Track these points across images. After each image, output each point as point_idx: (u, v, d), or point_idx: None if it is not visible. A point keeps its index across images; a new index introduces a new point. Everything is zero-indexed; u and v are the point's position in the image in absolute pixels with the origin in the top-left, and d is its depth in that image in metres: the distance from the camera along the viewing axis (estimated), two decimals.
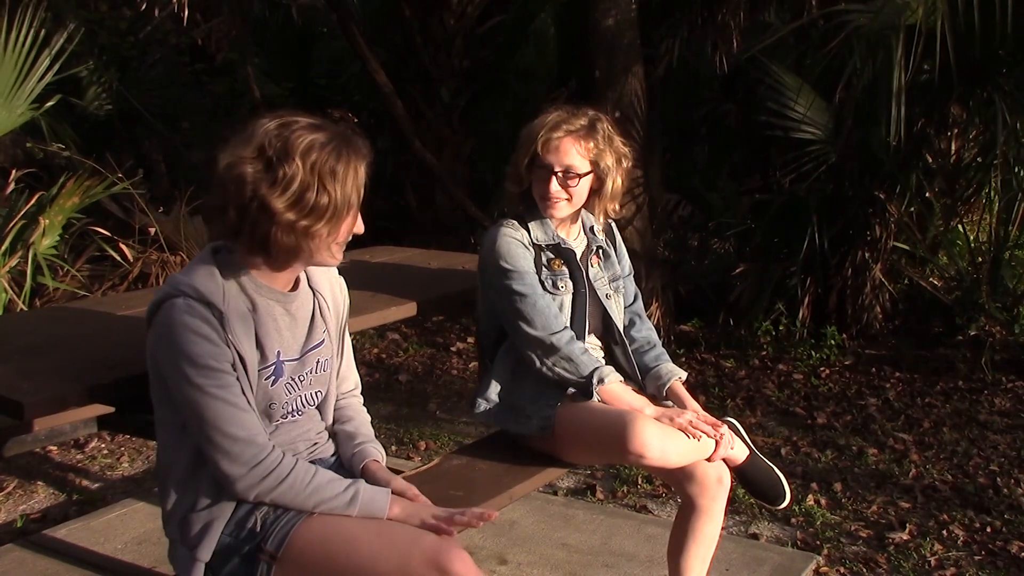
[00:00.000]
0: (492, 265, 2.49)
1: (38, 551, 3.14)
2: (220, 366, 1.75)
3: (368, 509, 1.82)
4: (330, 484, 1.82)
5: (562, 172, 2.45)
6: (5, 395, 1.96)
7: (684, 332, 5.96)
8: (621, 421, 2.35)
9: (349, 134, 1.83)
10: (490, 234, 2.52)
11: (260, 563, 1.81)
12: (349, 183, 1.78)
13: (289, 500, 1.80)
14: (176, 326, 1.74)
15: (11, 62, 4.55)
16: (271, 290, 1.87)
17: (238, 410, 1.76)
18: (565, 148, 2.44)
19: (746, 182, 6.43)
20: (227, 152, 1.78)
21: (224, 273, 1.82)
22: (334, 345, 2.02)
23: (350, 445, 2.05)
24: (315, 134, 1.77)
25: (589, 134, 2.46)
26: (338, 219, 1.80)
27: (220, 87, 8.04)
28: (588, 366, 2.44)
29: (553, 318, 2.46)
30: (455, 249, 4.82)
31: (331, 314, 2.00)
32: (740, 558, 3.19)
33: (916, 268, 6.30)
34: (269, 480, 1.77)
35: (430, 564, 1.72)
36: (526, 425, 2.52)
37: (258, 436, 1.77)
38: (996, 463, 4.12)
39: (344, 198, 1.78)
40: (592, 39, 5.68)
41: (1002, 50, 5.09)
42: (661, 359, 2.65)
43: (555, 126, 2.45)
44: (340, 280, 2.07)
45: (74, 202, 4.64)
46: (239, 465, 1.75)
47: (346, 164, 1.78)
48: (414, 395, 5.08)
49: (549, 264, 2.52)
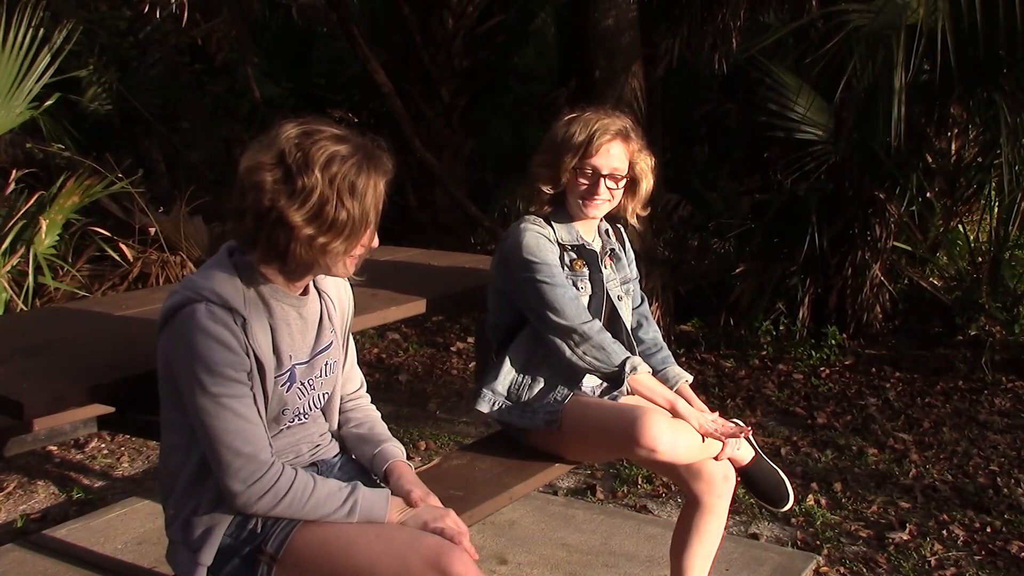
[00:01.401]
0: (517, 259, 2.49)
1: (38, 551, 3.14)
2: (236, 376, 1.74)
3: (368, 516, 1.82)
4: (328, 498, 1.81)
5: (610, 174, 2.49)
6: (5, 395, 1.96)
7: (684, 332, 5.96)
8: (631, 415, 2.35)
9: (372, 148, 1.79)
10: (515, 229, 2.53)
11: (260, 565, 1.81)
12: (368, 199, 1.76)
13: (289, 515, 1.80)
14: (197, 332, 1.72)
15: (10, 62, 4.54)
16: (286, 295, 1.86)
17: (246, 423, 1.75)
18: (615, 151, 2.49)
19: (746, 182, 6.44)
20: (248, 155, 1.76)
21: (242, 277, 1.81)
22: (340, 345, 2.02)
23: (369, 448, 2.05)
24: (337, 146, 1.74)
25: (631, 137, 2.52)
26: (356, 236, 1.77)
27: (220, 87, 8.03)
28: (619, 355, 2.44)
29: (581, 309, 2.47)
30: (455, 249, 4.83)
31: (337, 316, 2.00)
32: (740, 558, 3.19)
33: (916, 268, 6.30)
34: (268, 497, 1.76)
35: (430, 565, 1.72)
36: (532, 419, 2.52)
37: (261, 452, 1.76)
38: (996, 463, 4.12)
39: (363, 214, 1.76)
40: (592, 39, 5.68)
41: (1003, 50, 5.08)
42: (668, 362, 2.67)
43: (604, 129, 2.48)
44: (344, 282, 2.06)
45: (74, 202, 4.64)
46: (239, 482, 1.75)
47: (367, 179, 1.75)
48: (414, 395, 5.08)
49: (571, 264, 2.54)
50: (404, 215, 7.25)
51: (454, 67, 7.14)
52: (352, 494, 1.82)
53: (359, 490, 1.83)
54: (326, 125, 1.79)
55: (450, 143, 7.21)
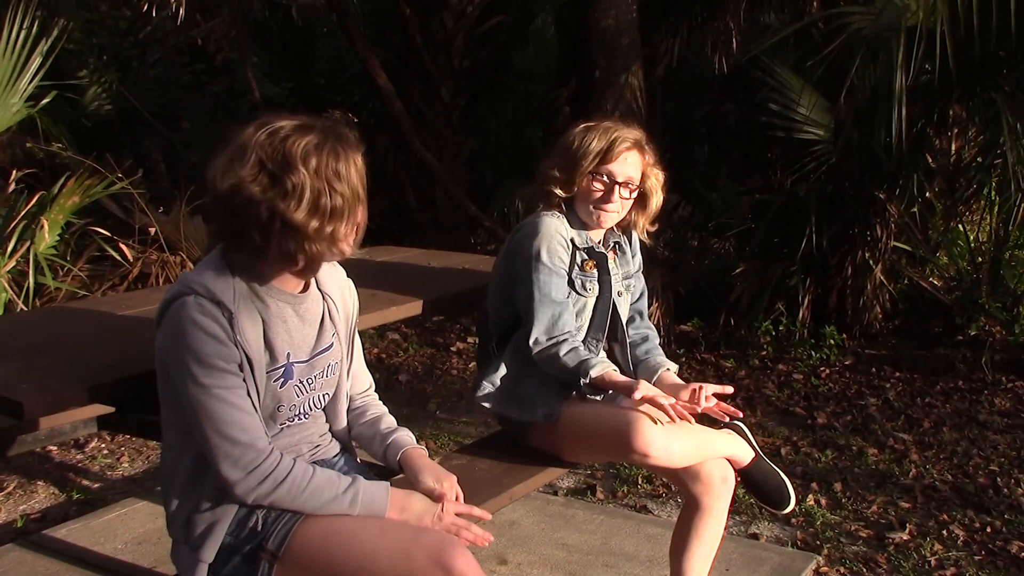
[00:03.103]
0: (526, 251, 2.49)
1: (38, 551, 3.14)
2: (227, 367, 1.75)
3: (369, 509, 1.83)
4: (329, 486, 1.82)
5: (625, 182, 2.50)
6: (5, 395, 1.96)
7: (684, 332, 5.96)
8: (626, 420, 2.35)
9: (336, 128, 1.82)
10: (533, 221, 2.53)
11: (262, 562, 1.81)
12: (353, 177, 1.79)
13: (288, 503, 1.80)
14: (186, 324, 1.74)
15: (5, 58, 4.53)
16: (280, 291, 1.87)
17: (241, 412, 1.76)
18: (631, 160, 2.51)
19: (746, 182, 6.43)
20: (222, 173, 1.75)
21: (235, 273, 1.82)
22: (343, 348, 2.02)
23: (378, 439, 2.07)
24: (306, 136, 1.76)
25: (645, 149, 2.55)
26: (353, 214, 1.81)
27: (220, 87, 8.03)
28: (574, 365, 2.43)
29: (563, 324, 2.47)
30: (455, 249, 4.82)
31: (340, 317, 2.00)
32: (740, 558, 3.19)
33: (916, 268, 6.30)
34: (266, 484, 1.77)
35: (433, 561, 1.73)
36: (531, 413, 2.53)
37: (258, 440, 1.77)
38: (996, 463, 4.12)
39: (353, 193, 1.79)
40: (592, 39, 5.69)
41: (1002, 51, 5.09)
42: (652, 352, 2.68)
43: (623, 138, 2.49)
44: (349, 283, 2.07)
45: (74, 202, 4.64)
46: (237, 469, 1.75)
47: (346, 160, 1.78)
48: (414, 395, 5.08)
49: (583, 265, 2.55)
50: (404, 215, 7.25)
51: (454, 67, 7.13)
52: (353, 485, 1.83)
53: (360, 482, 1.84)
54: (281, 119, 1.79)
55: (450, 143, 7.21)
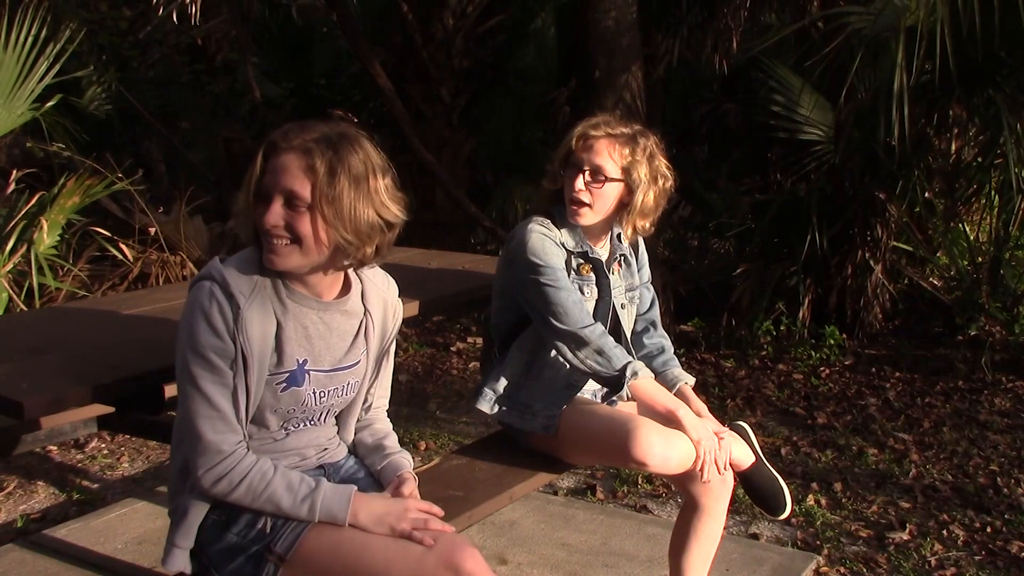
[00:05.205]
0: (521, 260, 2.45)
1: (38, 551, 3.15)
2: (217, 361, 1.76)
3: (328, 517, 1.81)
4: (287, 493, 1.80)
5: (590, 171, 2.43)
6: (5, 395, 1.96)
7: (684, 332, 5.96)
8: (624, 427, 2.34)
9: (336, 133, 1.83)
10: (520, 229, 2.49)
11: (267, 564, 1.81)
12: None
13: (248, 504, 1.81)
14: (195, 308, 1.77)
15: (11, 62, 4.55)
16: (304, 296, 1.87)
17: (215, 411, 1.78)
18: (599, 148, 2.43)
19: (746, 182, 6.43)
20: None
21: (263, 271, 1.83)
22: (368, 366, 2.01)
23: (378, 457, 2.09)
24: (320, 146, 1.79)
25: (628, 142, 2.44)
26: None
27: (220, 87, 8.04)
28: (621, 360, 2.40)
29: (584, 313, 2.44)
30: (455, 249, 4.82)
31: (376, 335, 1.99)
32: (740, 558, 3.19)
33: (916, 268, 6.30)
34: (222, 484, 1.79)
35: (444, 564, 1.74)
36: (531, 423, 2.52)
37: (223, 442, 1.78)
38: (996, 463, 4.12)
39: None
40: (592, 39, 5.68)
41: (1002, 51, 5.08)
42: (669, 364, 2.65)
43: (596, 125, 2.45)
44: (398, 303, 2.07)
45: (74, 202, 4.64)
46: (198, 466, 1.79)
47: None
48: (414, 395, 5.08)
49: (578, 269, 2.52)
50: None
51: (454, 67, 7.13)
52: (311, 494, 1.81)
53: (320, 490, 1.82)
54: (290, 127, 1.83)
55: (450, 143, 7.20)
